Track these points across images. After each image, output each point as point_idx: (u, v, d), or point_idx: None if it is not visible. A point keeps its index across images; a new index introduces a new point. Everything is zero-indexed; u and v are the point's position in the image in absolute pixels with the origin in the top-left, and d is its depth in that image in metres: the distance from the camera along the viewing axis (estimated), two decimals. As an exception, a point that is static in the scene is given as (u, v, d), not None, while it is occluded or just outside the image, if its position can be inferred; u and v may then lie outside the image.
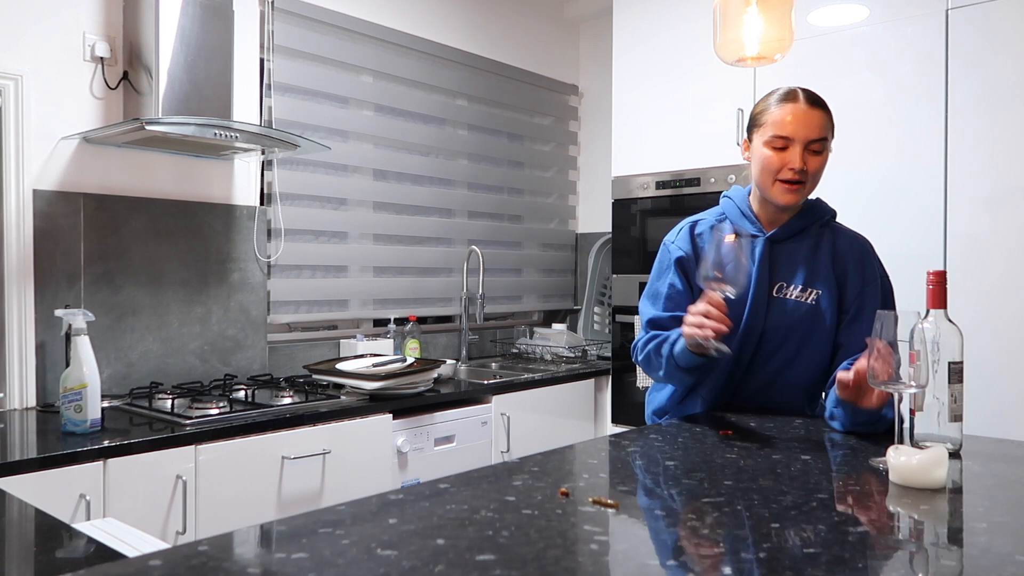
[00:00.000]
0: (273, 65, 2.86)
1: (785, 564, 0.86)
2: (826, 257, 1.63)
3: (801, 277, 1.61)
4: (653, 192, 3.22)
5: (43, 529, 1.25)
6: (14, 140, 2.26)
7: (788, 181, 1.56)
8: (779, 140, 1.56)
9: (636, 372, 3.22)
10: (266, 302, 2.87)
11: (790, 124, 1.55)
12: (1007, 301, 2.39)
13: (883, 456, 1.30)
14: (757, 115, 1.61)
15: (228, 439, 2.08)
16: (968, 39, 2.46)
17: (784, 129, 1.55)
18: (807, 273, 1.62)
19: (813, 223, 1.66)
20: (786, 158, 1.55)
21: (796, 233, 1.65)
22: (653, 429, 1.64)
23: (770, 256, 1.62)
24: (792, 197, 1.59)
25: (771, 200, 1.61)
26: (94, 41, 2.40)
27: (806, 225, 1.66)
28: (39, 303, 2.30)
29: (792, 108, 1.56)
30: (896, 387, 1.27)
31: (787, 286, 1.61)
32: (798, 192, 1.58)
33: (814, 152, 1.57)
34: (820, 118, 1.57)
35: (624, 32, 3.34)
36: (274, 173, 2.88)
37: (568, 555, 0.89)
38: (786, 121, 1.55)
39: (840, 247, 1.65)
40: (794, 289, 1.61)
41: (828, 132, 1.59)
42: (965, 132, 2.47)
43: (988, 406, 2.32)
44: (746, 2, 1.63)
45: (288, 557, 0.87)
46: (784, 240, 1.65)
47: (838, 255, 1.64)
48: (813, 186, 1.61)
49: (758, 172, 1.60)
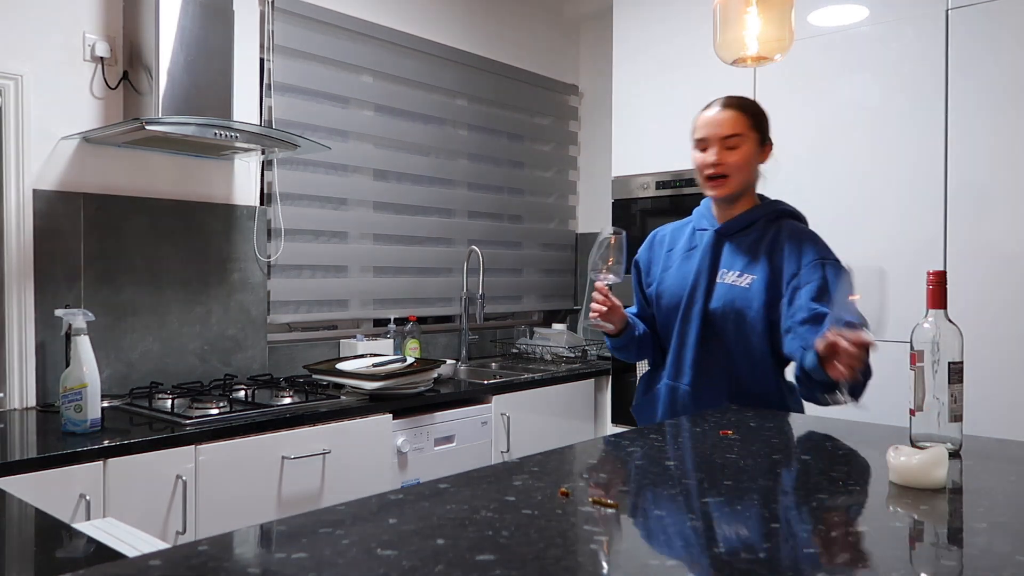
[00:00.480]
0: (273, 65, 2.86)
1: (785, 564, 0.86)
2: (766, 247, 1.76)
3: (740, 264, 1.77)
4: (653, 192, 3.22)
5: (43, 529, 1.25)
6: (14, 140, 2.26)
7: (711, 177, 1.77)
8: (700, 143, 1.79)
9: (636, 372, 3.22)
10: (266, 302, 2.87)
11: (705, 127, 1.78)
12: (1007, 301, 2.39)
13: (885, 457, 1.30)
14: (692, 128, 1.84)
15: (228, 439, 2.08)
16: (968, 39, 2.46)
17: (700, 132, 1.79)
18: (746, 261, 1.77)
19: (760, 219, 1.81)
20: (707, 157, 1.76)
21: (743, 227, 1.81)
22: (653, 429, 1.64)
23: (715, 247, 1.81)
24: (718, 190, 1.77)
25: (708, 196, 1.83)
26: (94, 41, 2.40)
27: (752, 220, 1.80)
28: (39, 303, 2.30)
29: (707, 113, 1.79)
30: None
31: (727, 272, 1.78)
32: (722, 185, 1.76)
33: (729, 148, 1.75)
34: (732, 117, 1.75)
35: (624, 32, 3.34)
36: (274, 173, 2.88)
37: (568, 555, 0.89)
38: (702, 125, 1.79)
39: (781, 238, 1.76)
40: (733, 274, 1.77)
41: (742, 128, 1.75)
42: (965, 132, 2.47)
43: (988, 406, 2.32)
44: (746, 2, 1.63)
45: (288, 557, 0.87)
46: (732, 233, 1.82)
47: (777, 245, 1.76)
48: (740, 178, 1.77)
49: (696, 173, 1.82)
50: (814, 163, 2.78)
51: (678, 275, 1.84)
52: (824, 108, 2.76)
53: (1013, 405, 2.35)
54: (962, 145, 2.48)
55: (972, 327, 2.33)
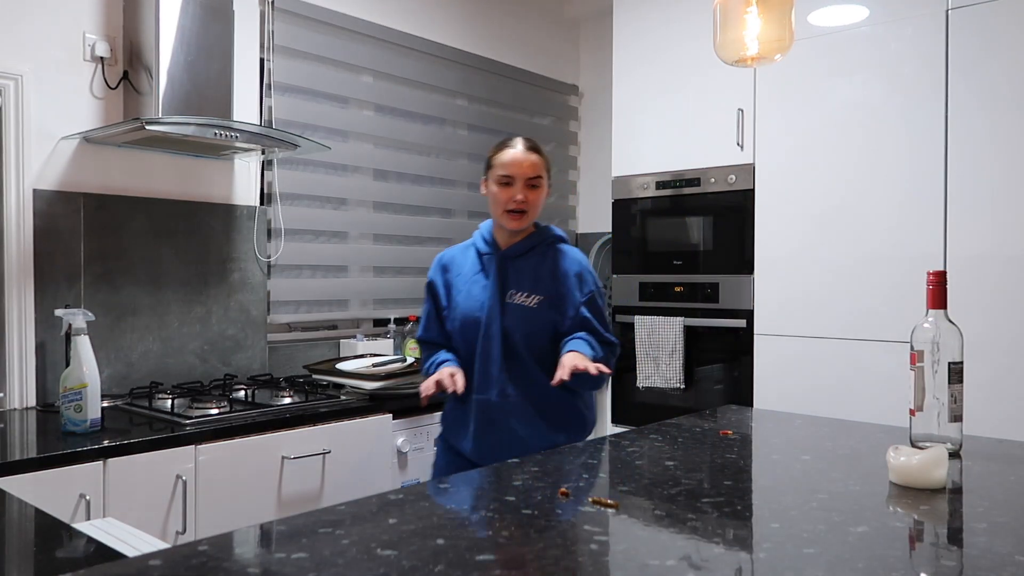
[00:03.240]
0: (273, 65, 2.86)
1: (785, 564, 0.86)
2: (549, 271, 1.98)
3: (527, 285, 1.97)
4: (653, 192, 3.22)
5: (43, 529, 1.25)
6: (14, 140, 2.26)
7: (513, 211, 1.94)
8: (505, 179, 1.94)
9: (636, 372, 3.22)
10: (266, 302, 2.87)
11: (512, 166, 1.94)
12: (1007, 301, 2.39)
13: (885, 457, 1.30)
14: (490, 159, 2.00)
15: (228, 439, 2.08)
16: (968, 39, 2.46)
17: (507, 170, 1.94)
18: (532, 282, 1.97)
19: (539, 243, 2.02)
20: (511, 192, 1.93)
21: (525, 252, 2.00)
22: (653, 429, 1.64)
23: (501, 269, 1.98)
24: (518, 223, 1.95)
25: (503, 226, 1.98)
26: (94, 41, 2.40)
27: (533, 245, 2.01)
28: (39, 303, 2.30)
29: (512, 152, 1.95)
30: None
31: (516, 293, 1.96)
32: (522, 219, 1.95)
33: (532, 187, 1.95)
34: (537, 161, 1.96)
35: (624, 32, 3.34)
36: (274, 173, 2.88)
37: (568, 555, 0.89)
38: (510, 163, 1.94)
39: (563, 266, 1.99)
40: (521, 295, 1.96)
41: (543, 171, 1.98)
42: (965, 132, 2.47)
43: (988, 406, 2.32)
44: (746, 2, 1.63)
45: (288, 557, 0.87)
46: (515, 257, 2.00)
47: (561, 272, 1.98)
48: (535, 214, 1.98)
49: (492, 204, 1.98)
50: (814, 163, 2.78)
51: (472, 296, 1.98)
52: (824, 108, 2.76)
53: (1013, 405, 2.35)
54: (962, 145, 2.48)
55: (972, 327, 2.34)
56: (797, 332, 2.82)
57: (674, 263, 3.15)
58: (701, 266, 3.08)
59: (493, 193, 1.97)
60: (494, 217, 2.01)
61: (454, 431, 2.04)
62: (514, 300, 1.95)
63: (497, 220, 2.00)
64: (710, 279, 3.05)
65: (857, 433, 1.64)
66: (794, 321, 2.82)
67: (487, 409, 1.94)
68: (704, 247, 3.08)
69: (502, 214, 1.96)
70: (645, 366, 3.19)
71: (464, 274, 2.03)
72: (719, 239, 3.03)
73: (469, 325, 1.96)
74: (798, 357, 2.81)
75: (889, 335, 2.59)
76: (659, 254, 3.20)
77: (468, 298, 1.98)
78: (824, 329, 2.75)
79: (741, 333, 2.95)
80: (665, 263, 3.18)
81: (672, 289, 3.15)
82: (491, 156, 2.00)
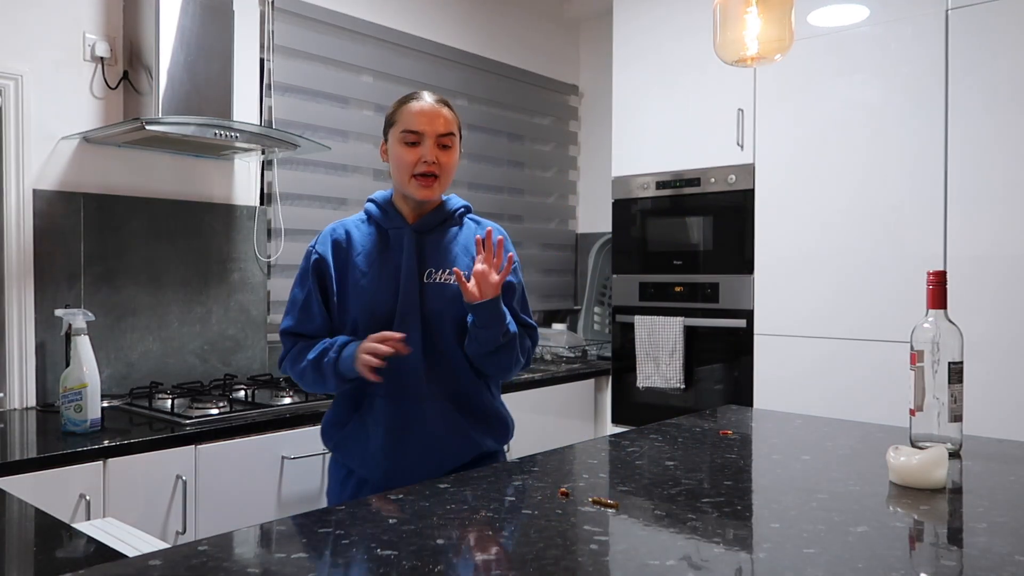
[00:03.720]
0: (273, 65, 2.86)
1: (785, 564, 0.86)
2: (462, 245, 1.71)
3: (447, 262, 1.67)
4: (653, 192, 3.22)
5: (43, 529, 1.25)
6: (14, 140, 2.26)
7: (423, 175, 1.61)
8: (410, 135, 1.61)
9: (636, 372, 3.22)
10: (266, 302, 2.87)
11: (420, 120, 1.61)
12: (1007, 301, 2.39)
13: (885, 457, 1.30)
14: (390, 116, 1.67)
15: (228, 439, 2.08)
16: (968, 39, 2.46)
17: (414, 124, 1.61)
18: (451, 258, 1.68)
19: (452, 215, 1.73)
20: (419, 152, 1.61)
21: (438, 224, 1.71)
22: (653, 429, 1.64)
23: (418, 246, 1.67)
24: (428, 191, 1.63)
25: (409, 196, 1.65)
26: (94, 41, 2.40)
27: (446, 216, 1.72)
28: (39, 303, 2.30)
29: (419, 104, 1.63)
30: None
31: (435, 271, 1.67)
32: (433, 186, 1.63)
33: (444, 147, 1.64)
34: (448, 115, 1.66)
35: (624, 32, 3.34)
36: (274, 173, 2.88)
37: (568, 555, 0.89)
38: (417, 116, 1.62)
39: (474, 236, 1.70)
40: (443, 273, 1.66)
41: (455, 128, 1.67)
42: (965, 132, 2.47)
43: (988, 406, 2.32)
44: (746, 2, 1.63)
45: (288, 557, 0.87)
46: (428, 231, 1.69)
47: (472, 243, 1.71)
48: (447, 181, 1.67)
49: (395, 169, 1.65)
50: (814, 163, 2.78)
51: (381, 279, 1.63)
52: (824, 108, 2.76)
53: (1013, 405, 2.35)
54: (962, 145, 2.48)
55: (972, 327, 2.34)
56: (797, 332, 2.82)
57: (674, 263, 3.15)
58: (701, 266, 3.08)
59: (397, 155, 1.63)
60: (398, 184, 1.66)
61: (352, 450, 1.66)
62: (435, 280, 1.65)
63: (401, 188, 1.66)
64: (710, 279, 3.05)
65: (857, 433, 1.64)
66: (794, 321, 2.82)
67: (399, 415, 1.60)
68: (704, 247, 3.08)
69: (408, 180, 1.62)
70: (645, 366, 3.19)
71: (364, 254, 1.66)
72: (719, 239, 3.03)
73: (381, 314, 1.61)
74: (798, 357, 2.81)
75: (889, 335, 2.59)
76: (659, 254, 3.20)
77: (376, 280, 1.63)
78: (824, 329, 2.75)
79: (741, 333, 2.95)
80: (665, 263, 3.18)
81: (672, 289, 3.15)
82: (393, 111, 1.67)
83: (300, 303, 1.67)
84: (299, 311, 1.67)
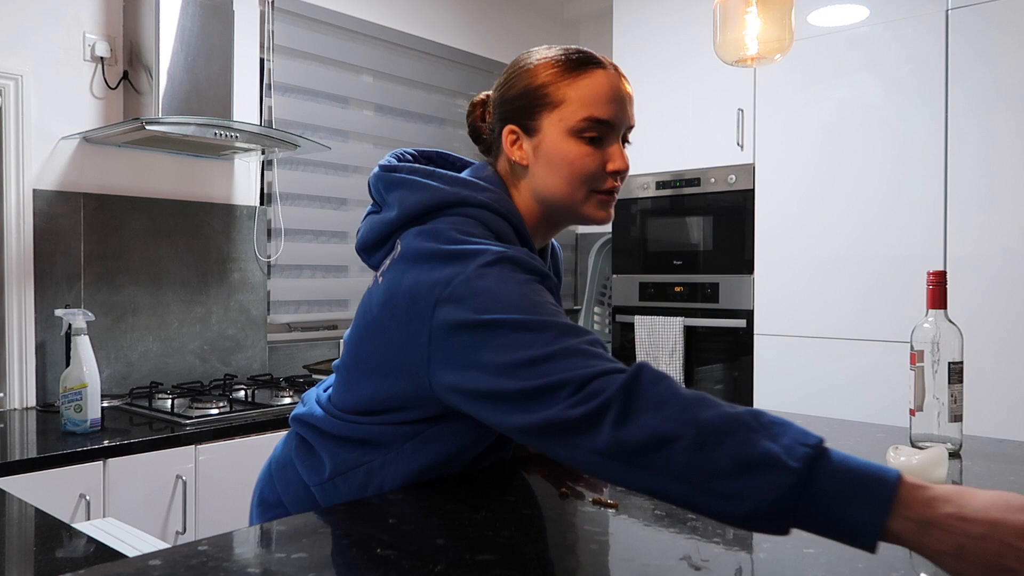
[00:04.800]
0: (273, 65, 2.86)
1: (785, 564, 0.86)
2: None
3: None
4: (653, 192, 3.22)
5: (43, 529, 1.25)
6: (14, 140, 2.26)
7: (609, 192, 1.06)
8: (598, 128, 1.03)
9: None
10: (266, 302, 2.87)
11: (613, 104, 1.03)
12: (1007, 301, 2.39)
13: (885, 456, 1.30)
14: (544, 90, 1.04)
15: (228, 439, 2.08)
16: (968, 39, 2.46)
17: (606, 112, 1.03)
18: None
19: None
20: (607, 155, 1.04)
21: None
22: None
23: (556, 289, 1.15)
24: (608, 215, 1.08)
25: (580, 218, 1.07)
26: (94, 41, 2.40)
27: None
28: (39, 303, 2.30)
29: (610, 80, 1.04)
30: None
31: None
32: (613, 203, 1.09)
33: (627, 144, 1.10)
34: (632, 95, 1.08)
35: (624, 32, 3.34)
36: (274, 173, 2.88)
37: (568, 555, 0.89)
38: (608, 100, 1.03)
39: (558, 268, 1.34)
40: None
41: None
42: (965, 132, 2.47)
43: (988, 406, 2.32)
44: (746, 2, 1.63)
45: (288, 557, 0.87)
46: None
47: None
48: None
49: (561, 175, 1.04)
50: (814, 163, 2.78)
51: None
52: (824, 108, 2.76)
53: (1013, 405, 2.35)
54: (962, 145, 2.48)
55: (972, 327, 2.34)
56: (797, 332, 2.82)
57: (674, 263, 3.15)
58: (701, 266, 3.08)
59: (569, 155, 1.03)
60: (557, 198, 1.06)
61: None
62: None
63: (569, 206, 1.06)
64: (710, 279, 3.05)
65: (857, 433, 1.63)
66: (794, 321, 2.82)
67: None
68: (704, 247, 3.08)
69: (587, 196, 1.05)
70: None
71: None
72: (719, 239, 3.03)
73: None
74: (798, 357, 2.81)
75: (889, 335, 2.59)
76: (659, 254, 3.20)
77: None
78: (824, 329, 2.75)
79: (741, 333, 2.95)
80: (665, 263, 3.18)
81: (672, 289, 3.15)
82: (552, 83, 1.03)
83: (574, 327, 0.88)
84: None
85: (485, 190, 1.04)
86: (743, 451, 0.72)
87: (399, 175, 1.06)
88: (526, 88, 1.05)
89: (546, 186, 1.05)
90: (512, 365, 0.83)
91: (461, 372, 0.88)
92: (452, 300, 0.89)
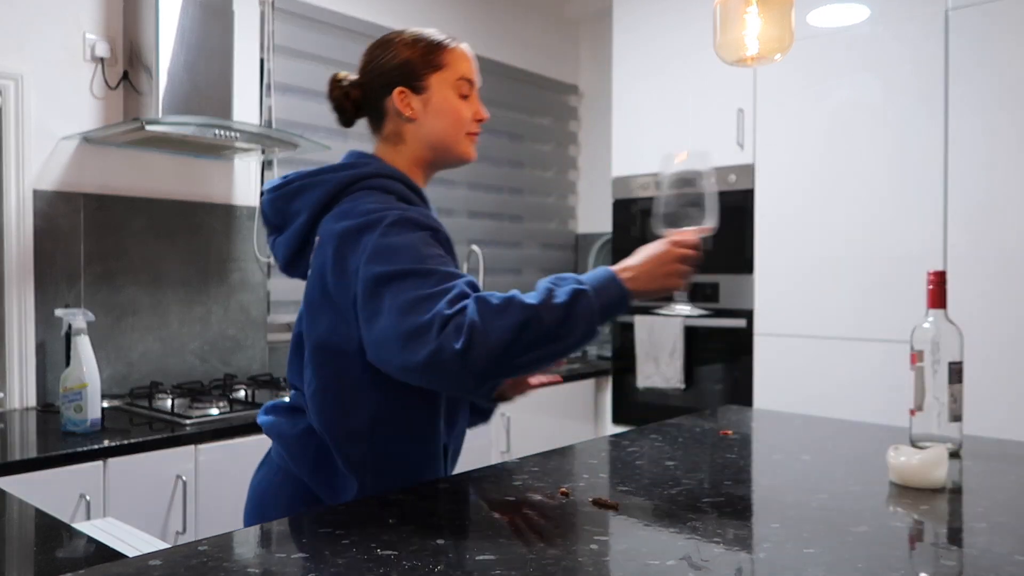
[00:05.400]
0: (273, 65, 2.86)
1: (785, 564, 0.86)
2: None
3: None
4: (653, 192, 3.22)
5: (43, 529, 1.25)
6: (14, 140, 2.26)
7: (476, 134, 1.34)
8: (467, 85, 1.31)
9: (636, 372, 3.22)
10: (266, 302, 2.87)
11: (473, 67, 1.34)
12: (1007, 301, 2.39)
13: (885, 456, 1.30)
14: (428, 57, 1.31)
15: (228, 439, 2.08)
16: (968, 40, 2.46)
17: (471, 72, 1.33)
18: None
19: None
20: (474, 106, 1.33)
21: None
22: (653, 429, 1.65)
23: None
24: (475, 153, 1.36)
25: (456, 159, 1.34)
26: (94, 41, 2.40)
27: None
28: (39, 303, 2.30)
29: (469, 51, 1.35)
30: None
31: None
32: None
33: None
34: None
35: (624, 32, 3.34)
36: (274, 173, 2.88)
37: (568, 555, 0.89)
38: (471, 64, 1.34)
39: None
40: None
41: None
42: (965, 132, 2.47)
43: (988, 406, 2.32)
44: (746, 2, 1.63)
45: (288, 557, 0.87)
46: None
47: None
48: None
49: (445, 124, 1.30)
50: (814, 163, 2.78)
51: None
52: (824, 108, 2.76)
53: (1013, 405, 2.35)
54: (962, 145, 2.48)
55: (972, 327, 2.34)
56: (797, 332, 2.82)
57: (674, 263, 3.15)
58: (701, 266, 3.07)
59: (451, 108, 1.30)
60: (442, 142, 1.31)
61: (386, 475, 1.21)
62: None
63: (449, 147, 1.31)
64: (710, 279, 3.05)
65: (857, 433, 1.64)
66: (794, 321, 2.82)
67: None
68: (704, 247, 3.07)
69: (462, 138, 1.31)
70: (645, 366, 3.19)
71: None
72: (719, 239, 3.03)
73: None
74: (798, 357, 2.81)
75: (889, 335, 2.59)
76: (659, 254, 3.20)
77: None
78: (824, 329, 2.75)
79: (741, 333, 2.95)
80: (665, 263, 3.17)
81: (672, 289, 3.15)
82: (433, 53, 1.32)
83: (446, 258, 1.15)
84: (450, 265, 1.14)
85: (367, 164, 1.31)
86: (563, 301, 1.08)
87: (293, 185, 1.29)
88: (410, 57, 1.33)
89: (435, 131, 1.31)
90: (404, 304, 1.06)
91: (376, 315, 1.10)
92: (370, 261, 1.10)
